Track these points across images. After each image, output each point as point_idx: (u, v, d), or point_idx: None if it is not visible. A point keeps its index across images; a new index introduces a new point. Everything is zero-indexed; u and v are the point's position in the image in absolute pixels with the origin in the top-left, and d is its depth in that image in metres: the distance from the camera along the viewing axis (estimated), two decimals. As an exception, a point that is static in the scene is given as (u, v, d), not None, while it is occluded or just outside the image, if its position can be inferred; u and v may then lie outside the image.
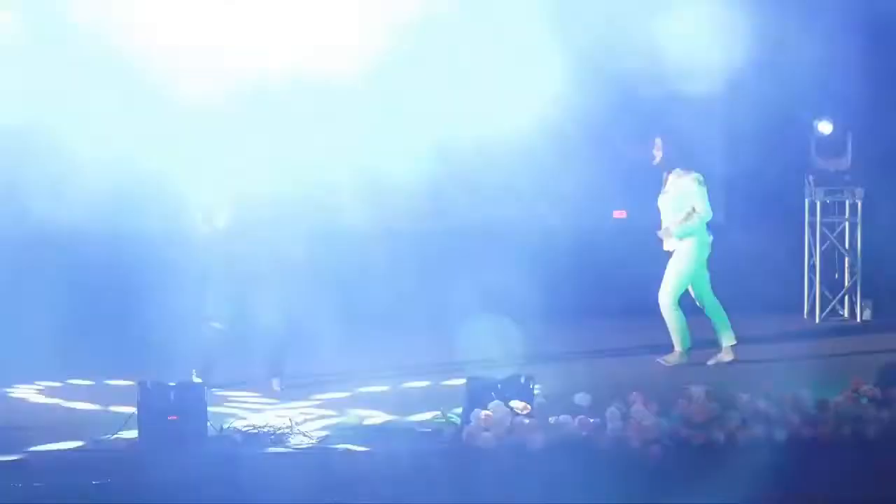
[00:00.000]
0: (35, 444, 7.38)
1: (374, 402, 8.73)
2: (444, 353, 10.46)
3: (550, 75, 12.35)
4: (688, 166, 10.15)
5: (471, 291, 12.56)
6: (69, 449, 7.35)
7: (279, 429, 7.60)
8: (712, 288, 10.32)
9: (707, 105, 13.04)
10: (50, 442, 7.44)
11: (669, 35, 12.69)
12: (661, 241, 10.19)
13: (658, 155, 10.18)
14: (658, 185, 10.36)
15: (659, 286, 10.21)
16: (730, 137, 13.09)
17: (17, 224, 11.40)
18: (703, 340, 10.95)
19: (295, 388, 9.24)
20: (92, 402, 8.72)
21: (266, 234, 9.13)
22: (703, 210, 10.08)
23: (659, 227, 10.25)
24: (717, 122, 13.09)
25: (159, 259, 10.74)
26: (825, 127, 12.44)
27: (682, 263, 10.11)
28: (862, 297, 12.58)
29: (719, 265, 12.88)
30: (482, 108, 12.35)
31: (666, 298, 10.11)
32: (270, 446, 7.34)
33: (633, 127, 12.69)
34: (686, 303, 10.34)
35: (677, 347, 10.17)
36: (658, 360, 10.13)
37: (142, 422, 7.34)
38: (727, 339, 10.22)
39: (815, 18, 12.93)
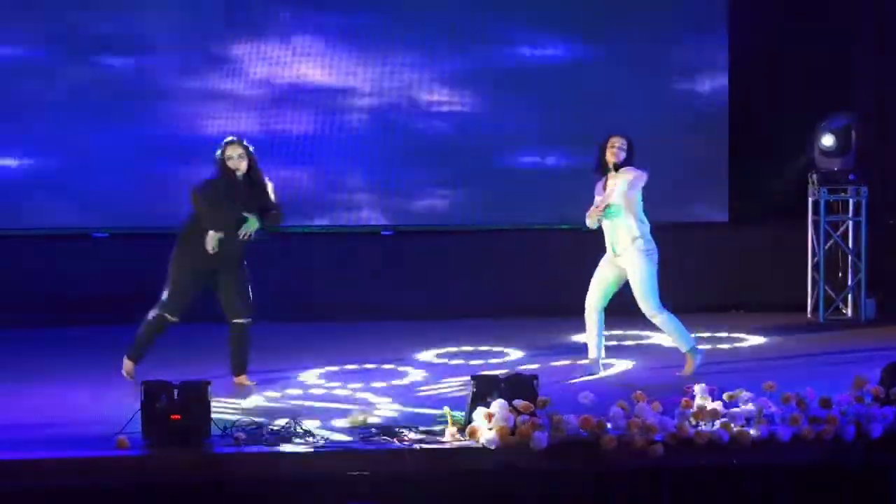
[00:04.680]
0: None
1: (377, 399, 8.74)
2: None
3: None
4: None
5: (475, 289, 12.62)
6: (71, 448, 7.34)
7: (282, 427, 7.59)
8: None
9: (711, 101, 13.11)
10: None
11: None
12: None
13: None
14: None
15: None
16: (732, 135, 13.10)
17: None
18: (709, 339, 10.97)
19: (300, 386, 9.26)
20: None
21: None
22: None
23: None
24: (720, 119, 13.10)
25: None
26: (828, 140, 12.44)
27: (644, 269, 9.76)
28: (866, 295, 12.57)
29: (723, 264, 12.92)
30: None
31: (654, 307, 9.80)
32: (274, 445, 7.33)
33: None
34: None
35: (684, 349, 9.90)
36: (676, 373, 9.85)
37: (145, 421, 7.33)
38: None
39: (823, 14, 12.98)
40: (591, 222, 9.71)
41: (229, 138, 9.40)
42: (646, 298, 9.62)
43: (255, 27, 12.58)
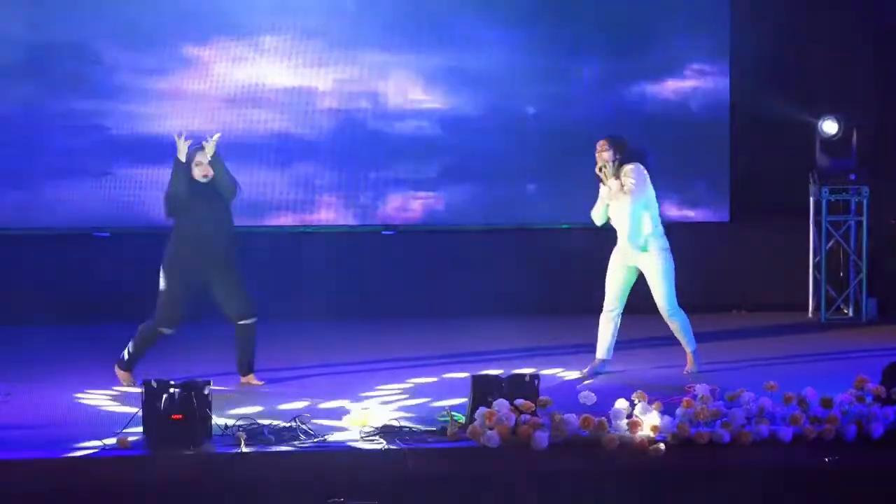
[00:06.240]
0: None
1: (379, 399, 8.73)
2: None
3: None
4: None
5: (481, 287, 12.62)
6: (72, 448, 7.33)
7: (284, 427, 7.59)
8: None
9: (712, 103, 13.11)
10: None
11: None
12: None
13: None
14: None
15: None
16: (732, 135, 13.10)
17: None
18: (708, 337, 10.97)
19: (300, 386, 9.26)
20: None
21: None
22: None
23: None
24: (720, 119, 13.10)
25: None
26: (830, 126, 12.43)
27: (666, 268, 9.75)
28: (867, 295, 12.56)
29: (723, 264, 12.92)
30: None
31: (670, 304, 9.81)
32: (274, 445, 7.32)
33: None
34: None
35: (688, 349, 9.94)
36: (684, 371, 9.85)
37: (146, 421, 7.33)
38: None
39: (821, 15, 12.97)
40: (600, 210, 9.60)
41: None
42: (667, 298, 9.61)
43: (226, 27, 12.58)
